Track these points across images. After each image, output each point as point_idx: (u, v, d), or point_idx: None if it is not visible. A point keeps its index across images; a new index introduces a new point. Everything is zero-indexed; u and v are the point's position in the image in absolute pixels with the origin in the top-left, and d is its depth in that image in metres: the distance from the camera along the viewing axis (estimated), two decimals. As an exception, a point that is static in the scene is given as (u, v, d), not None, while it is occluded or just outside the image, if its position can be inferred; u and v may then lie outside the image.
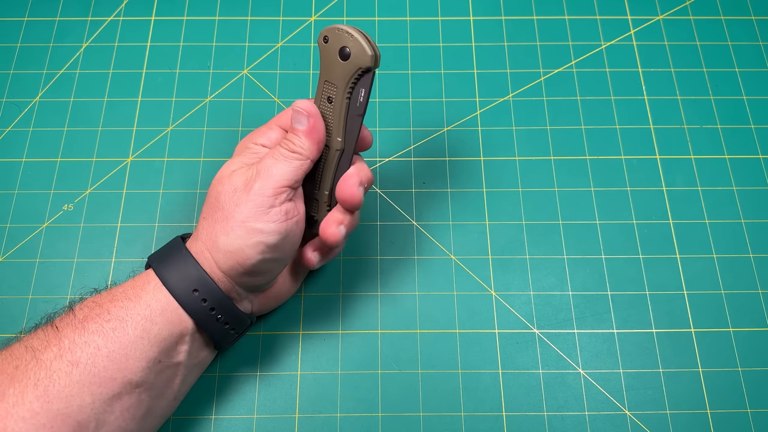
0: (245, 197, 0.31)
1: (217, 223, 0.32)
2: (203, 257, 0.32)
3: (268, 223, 0.31)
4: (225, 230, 0.31)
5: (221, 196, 0.32)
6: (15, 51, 0.48)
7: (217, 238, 0.31)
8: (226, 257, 0.31)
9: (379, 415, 0.37)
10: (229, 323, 0.33)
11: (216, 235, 0.31)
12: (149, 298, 0.31)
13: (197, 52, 0.48)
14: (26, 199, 0.43)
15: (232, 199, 0.31)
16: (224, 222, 0.31)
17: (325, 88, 0.33)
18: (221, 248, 0.31)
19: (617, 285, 0.41)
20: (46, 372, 0.28)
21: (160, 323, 0.30)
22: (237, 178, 0.32)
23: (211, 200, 0.33)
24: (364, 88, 0.33)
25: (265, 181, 0.31)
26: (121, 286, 0.32)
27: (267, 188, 0.31)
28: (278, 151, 0.33)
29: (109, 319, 0.30)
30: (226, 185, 0.32)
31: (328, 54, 0.33)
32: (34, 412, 0.27)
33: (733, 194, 0.44)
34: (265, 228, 0.31)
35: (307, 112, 0.33)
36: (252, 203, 0.31)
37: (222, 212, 0.32)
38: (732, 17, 0.50)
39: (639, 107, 0.46)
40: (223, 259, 0.31)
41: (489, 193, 0.44)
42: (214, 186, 0.33)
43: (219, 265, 0.32)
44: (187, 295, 0.31)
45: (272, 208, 0.31)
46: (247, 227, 0.31)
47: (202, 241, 0.32)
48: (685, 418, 0.37)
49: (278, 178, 0.32)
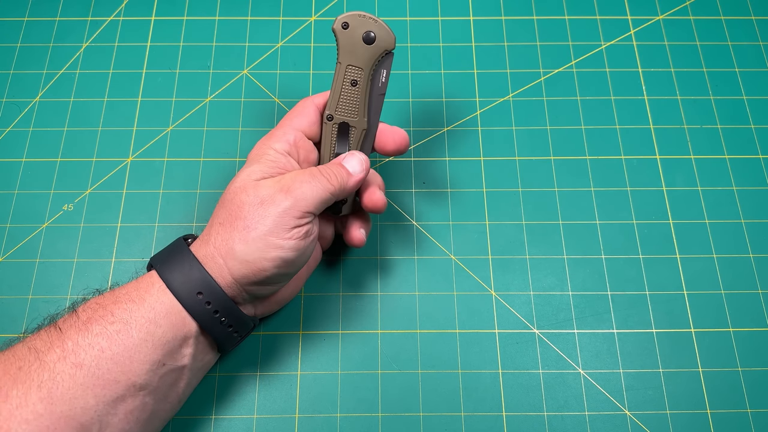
0: (272, 212, 0.31)
1: (236, 231, 0.32)
2: (213, 262, 0.32)
3: (288, 241, 0.32)
4: (244, 239, 0.31)
5: (245, 206, 0.32)
6: (15, 51, 0.48)
7: (234, 245, 0.31)
8: (241, 266, 0.31)
9: (379, 415, 0.37)
10: (232, 326, 0.33)
11: (233, 242, 0.31)
12: (153, 301, 0.31)
13: (197, 52, 0.48)
14: (26, 199, 0.43)
15: (258, 211, 0.32)
16: (244, 231, 0.31)
17: (348, 73, 0.35)
18: (238, 256, 0.31)
19: (617, 285, 0.41)
20: (49, 374, 0.28)
21: (165, 326, 0.30)
22: (264, 190, 0.32)
23: (232, 207, 0.32)
24: (385, 69, 0.36)
25: (297, 202, 0.32)
26: (124, 288, 0.32)
27: (296, 210, 0.32)
28: (318, 177, 0.33)
29: (112, 321, 0.30)
30: (251, 196, 0.32)
31: (349, 39, 0.34)
32: (37, 414, 0.27)
33: (733, 194, 0.44)
34: (285, 245, 0.32)
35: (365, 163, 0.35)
36: (279, 220, 0.31)
37: (243, 221, 0.32)
38: (732, 17, 0.50)
39: (639, 107, 0.46)
40: (238, 267, 0.31)
41: (489, 193, 0.44)
42: (236, 193, 0.32)
43: (231, 272, 0.32)
44: (191, 298, 0.31)
45: (295, 229, 0.32)
46: (268, 242, 0.31)
47: (214, 246, 0.32)
48: (685, 418, 0.37)
49: (309, 203, 0.32)
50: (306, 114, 0.36)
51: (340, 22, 0.34)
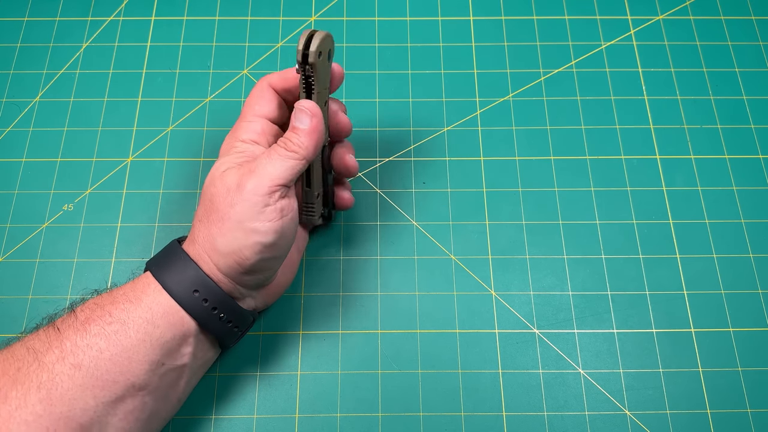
0: (239, 197, 0.31)
1: (213, 225, 0.31)
2: (202, 260, 0.32)
3: (264, 223, 0.31)
4: (222, 232, 0.31)
5: (215, 198, 0.32)
6: (15, 51, 0.48)
7: (215, 240, 0.31)
8: (224, 259, 0.31)
9: (379, 415, 0.37)
10: (232, 321, 0.33)
11: (213, 237, 0.31)
12: (150, 301, 0.31)
13: (197, 52, 0.48)
14: (26, 199, 0.43)
15: (226, 199, 0.31)
16: (220, 223, 0.31)
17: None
18: (219, 250, 0.31)
19: (617, 285, 0.41)
20: (48, 375, 0.28)
21: (162, 326, 0.30)
22: (229, 178, 0.32)
23: (205, 202, 0.32)
24: None
25: (260, 179, 0.31)
26: (122, 288, 0.32)
27: (261, 187, 0.31)
28: (275, 150, 0.32)
29: (110, 322, 0.30)
30: (219, 186, 0.32)
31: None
32: (37, 414, 0.27)
33: (733, 194, 0.44)
34: (261, 228, 0.31)
35: (311, 112, 0.33)
36: (247, 202, 0.31)
37: (217, 214, 0.31)
38: (732, 17, 0.50)
39: (639, 107, 0.46)
40: (222, 261, 0.31)
41: (489, 193, 0.44)
42: (207, 188, 0.32)
43: (219, 267, 0.32)
44: (187, 297, 0.31)
45: (267, 207, 0.31)
46: (244, 228, 0.31)
47: (199, 244, 0.32)
48: (685, 418, 0.37)
49: (273, 177, 0.31)
50: (265, 98, 0.35)
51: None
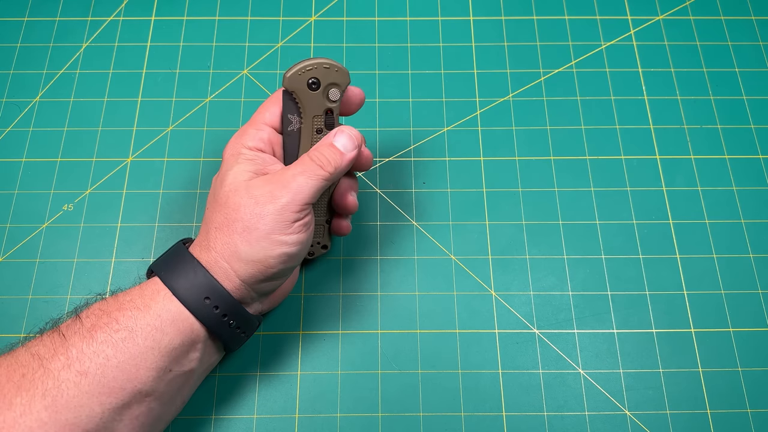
0: (272, 210, 0.31)
1: (236, 233, 0.31)
2: (218, 266, 0.32)
3: (292, 236, 0.32)
4: (248, 241, 0.31)
5: (241, 208, 0.32)
6: (15, 51, 0.48)
7: (238, 248, 0.31)
8: (248, 266, 0.31)
9: (379, 415, 0.37)
10: (240, 327, 0.33)
11: (236, 245, 0.31)
12: (159, 309, 0.30)
13: (197, 52, 0.48)
14: (26, 199, 0.43)
15: (254, 210, 0.31)
16: (245, 233, 0.31)
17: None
18: (243, 258, 0.31)
19: (617, 285, 0.41)
20: (54, 382, 0.28)
21: (171, 333, 0.30)
22: (257, 189, 0.32)
23: (227, 211, 0.32)
24: None
25: (294, 196, 0.32)
26: (128, 294, 0.31)
27: (295, 204, 0.32)
28: (310, 167, 0.33)
29: (118, 329, 0.29)
30: (245, 197, 0.32)
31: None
32: (42, 421, 0.27)
33: (733, 194, 0.44)
34: (289, 240, 0.32)
35: (358, 140, 0.34)
36: (279, 217, 0.31)
37: (242, 223, 0.31)
38: (732, 17, 0.50)
39: (639, 107, 0.46)
40: (245, 268, 0.32)
41: (489, 193, 0.44)
42: (229, 196, 0.32)
43: (239, 274, 0.32)
44: (198, 304, 0.31)
45: (296, 222, 0.32)
46: (271, 239, 0.31)
47: (217, 252, 0.32)
48: (685, 418, 0.37)
49: (306, 196, 0.32)
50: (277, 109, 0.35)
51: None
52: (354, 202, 0.37)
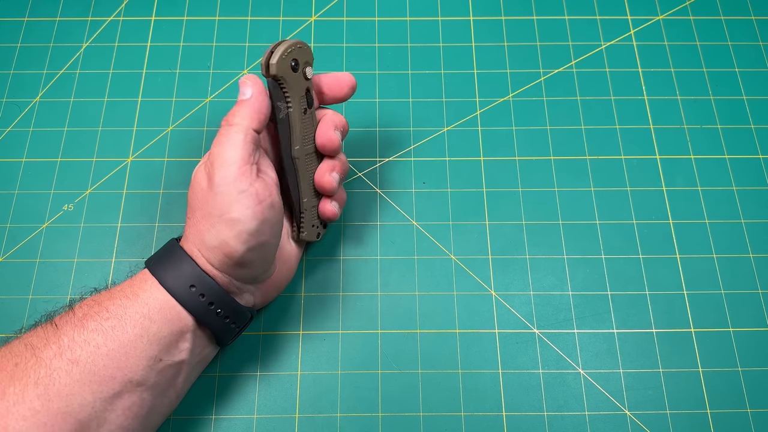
0: (211, 192, 0.31)
1: (199, 222, 0.32)
2: (195, 256, 0.32)
3: (242, 211, 0.31)
4: (207, 227, 0.32)
5: (192, 198, 0.33)
6: (15, 51, 0.48)
7: (203, 236, 0.32)
8: (214, 253, 0.32)
9: (379, 415, 0.37)
10: (229, 317, 0.33)
11: (201, 234, 0.32)
12: (147, 297, 0.31)
13: (197, 52, 0.48)
14: (26, 199, 0.43)
15: (202, 197, 0.32)
16: (204, 220, 0.32)
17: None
18: (208, 245, 0.32)
19: (617, 285, 0.41)
20: (46, 370, 0.28)
21: (159, 321, 0.30)
22: (200, 176, 0.33)
23: (190, 200, 0.33)
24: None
25: (221, 168, 0.31)
26: (120, 286, 0.32)
27: (227, 175, 0.31)
28: (223, 129, 0.33)
29: (107, 318, 0.30)
30: (195, 186, 0.33)
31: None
32: (34, 410, 0.27)
33: (733, 194, 0.44)
34: (241, 216, 0.31)
35: (251, 81, 0.34)
36: (220, 195, 0.31)
37: (200, 211, 0.32)
38: (732, 17, 0.50)
39: (639, 107, 0.46)
40: (212, 255, 0.32)
41: (489, 193, 0.44)
42: (192, 186, 0.33)
43: (210, 261, 0.32)
44: (184, 291, 0.31)
45: (242, 194, 0.31)
46: (225, 220, 0.31)
47: (191, 242, 0.32)
48: (685, 418, 0.37)
49: (232, 161, 0.31)
50: None
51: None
52: (330, 182, 0.36)
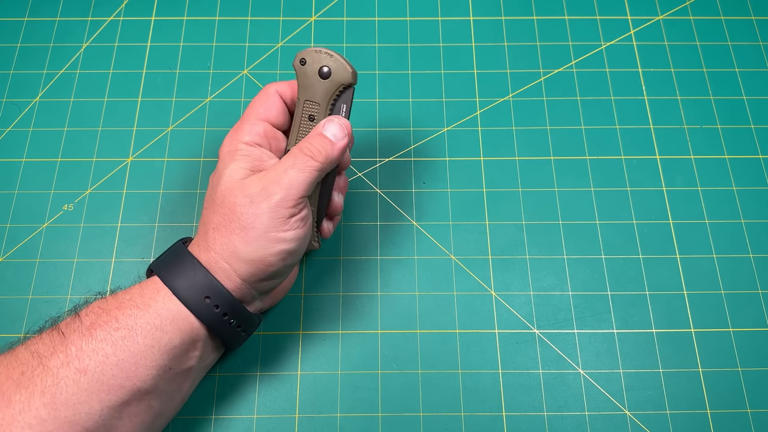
0: (266, 208, 0.31)
1: (234, 233, 0.31)
2: (218, 266, 0.32)
3: (289, 232, 0.32)
4: (246, 241, 0.31)
5: (237, 208, 0.31)
6: (15, 51, 0.48)
7: (237, 248, 0.31)
8: (248, 266, 0.31)
9: (379, 415, 0.37)
10: (240, 326, 0.33)
11: (234, 245, 0.31)
12: (159, 308, 0.30)
13: (197, 52, 0.48)
14: (26, 199, 0.43)
15: (250, 210, 0.31)
16: (242, 233, 0.31)
17: (306, 108, 0.34)
18: (242, 258, 0.31)
19: (617, 285, 0.41)
20: (53, 379, 0.28)
21: (171, 332, 0.30)
22: (251, 188, 0.32)
23: (224, 211, 0.32)
24: (345, 103, 0.34)
25: (288, 192, 0.31)
26: (128, 293, 0.31)
27: (289, 200, 0.31)
28: (301, 158, 0.32)
29: (117, 327, 0.29)
30: (240, 196, 0.32)
31: (306, 75, 0.34)
32: (41, 419, 0.27)
33: (733, 194, 0.44)
34: (287, 237, 0.32)
35: (347, 128, 0.34)
36: (274, 214, 0.31)
37: (238, 223, 0.31)
38: (732, 17, 0.50)
39: (639, 107, 0.46)
40: (245, 268, 0.32)
41: (489, 193, 0.44)
42: (225, 196, 0.32)
43: (239, 274, 0.32)
44: (199, 303, 0.31)
45: (293, 218, 0.32)
46: (269, 237, 0.31)
47: (216, 252, 0.32)
48: (685, 418, 0.37)
49: (300, 190, 0.32)
50: (271, 103, 0.35)
51: (298, 59, 0.34)
52: (338, 202, 0.37)
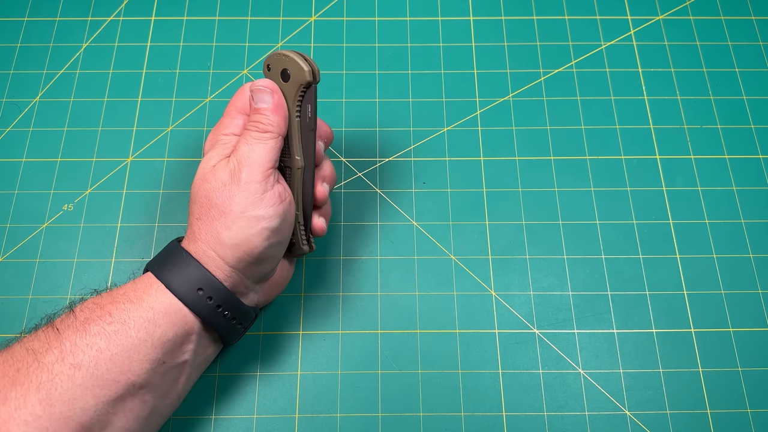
0: (237, 189, 0.31)
1: (215, 220, 0.32)
2: (207, 256, 0.32)
3: (266, 208, 0.32)
4: (226, 225, 0.31)
5: (211, 194, 0.32)
6: (15, 51, 0.48)
7: (219, 234, 0.32)
8: (233, 251, 0.32)
9: (379, 415, 0.37)
10: (236, 318, 0.33)
11: (217, 231, 0.32)
12: (152, 301, 0.31)
13: (197, 52, 0.48)
14: (26, 199, 0.43)
15: (224, 193, 0.32)
16: (222, 217, 0.32)
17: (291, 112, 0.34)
18: (226, 243, 0.31)
19: (617, 285, 0.41)
20: (48, 375, 0.28)
21: (164, 325, 0.30)
22: (221, 172, 0.32)
23: (200, 199, 0.32)
24: (309, 103, 0.34)
25: (251, 168, 0.32)
26: (122, 288, 0.32)
27: (255, 174, 0.32)
28: (250, 135, 0.33)
29: (110, 322, 0.30)
30: (212, 182, 0.32)
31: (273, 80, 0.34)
32: (36, 415, 0.27)
33: (733, 194, 0.44)
34: (265, 214, 0.32)
35: (269, 89, 0.33)
36: (246, 193, 0.31)
37: (217, 209, 0.32)
38: (732, 17, 0.50)
39: (639, 107, 0.46)
40: (230, 253, 0.32)
41: (489, 193, 0.44)
42: (200, 185, 0.33)
43: (226, 261, 0.32)
44: (192, 295, 0.31)
45: (266, 193, 0.32)
46: (248, 217, 0.31)
47: (202, 241, 0.32)
48: (685, 418, 0.37)
49: (261, 162, 0.32)
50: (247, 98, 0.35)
51: (266, 65, 0.34)
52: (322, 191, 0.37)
